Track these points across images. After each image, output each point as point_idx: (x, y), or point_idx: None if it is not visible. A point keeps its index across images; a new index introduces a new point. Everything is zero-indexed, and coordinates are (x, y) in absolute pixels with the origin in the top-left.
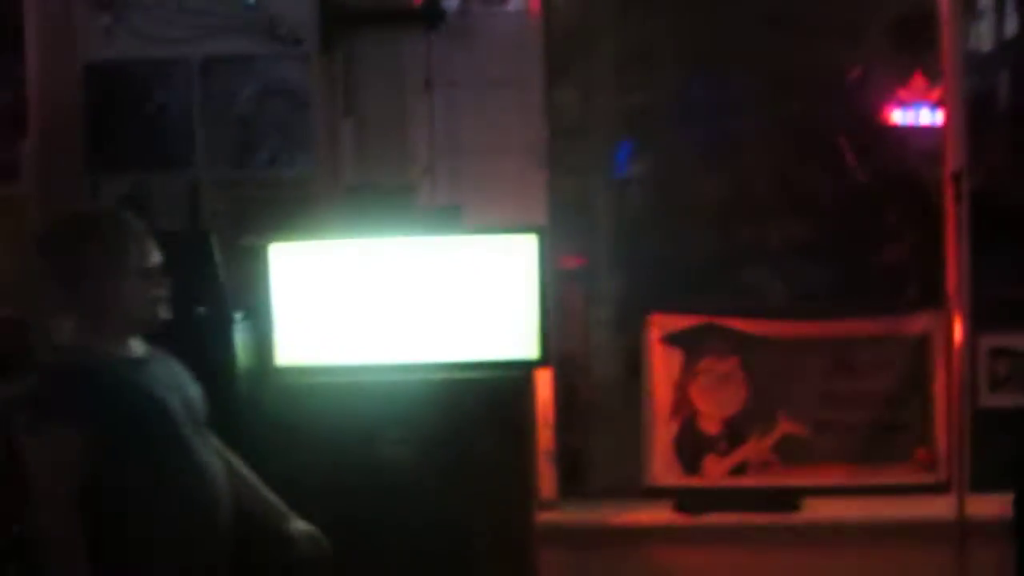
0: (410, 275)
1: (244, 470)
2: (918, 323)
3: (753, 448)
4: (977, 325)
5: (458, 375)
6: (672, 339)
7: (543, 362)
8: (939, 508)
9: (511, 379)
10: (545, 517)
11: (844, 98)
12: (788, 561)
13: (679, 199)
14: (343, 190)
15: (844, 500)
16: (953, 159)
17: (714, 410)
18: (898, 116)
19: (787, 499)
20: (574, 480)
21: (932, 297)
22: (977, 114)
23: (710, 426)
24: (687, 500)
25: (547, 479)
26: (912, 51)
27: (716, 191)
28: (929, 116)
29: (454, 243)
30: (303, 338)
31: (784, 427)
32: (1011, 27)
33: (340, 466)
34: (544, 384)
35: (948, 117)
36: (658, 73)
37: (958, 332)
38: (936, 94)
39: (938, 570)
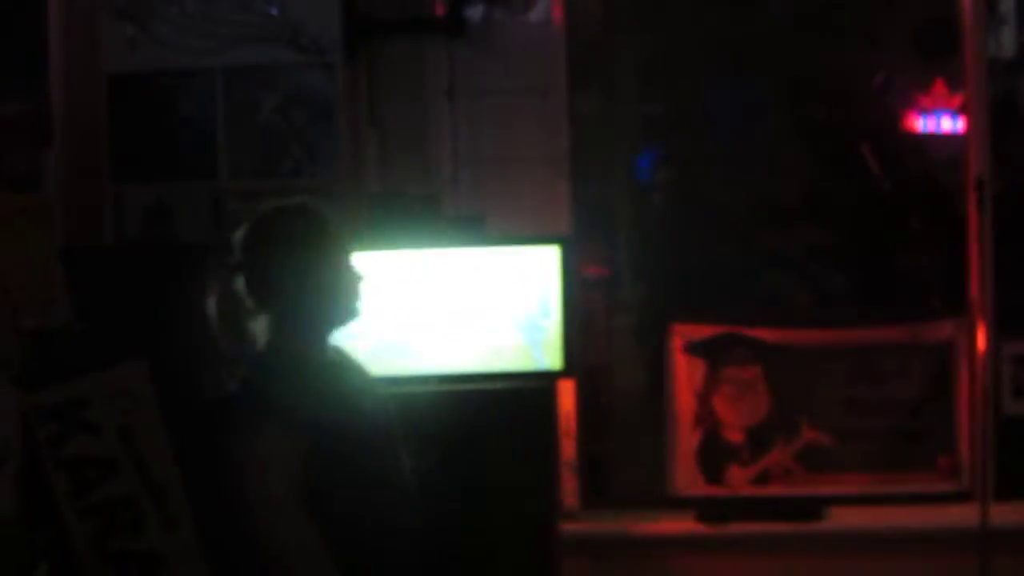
0: (433, 286)
1: None
2: (941, 330)
3: (776, 457)
4: (1001, 332)
5: (481, 386)
6: (694, 348)
7: (566, 372)
8: (962, 516)
9: (534, 390)
10: (568, 527)
11: (867, 104)
12: (811, 570)
13: (702, 207)
14: (366, 200)
15: (867, 509)
16: (975, 166)
17: (737, 419)
18: (920, 123)
19: (810, 508)
20: (597, 490)
21: (955, 304)
22: (999, 120)
23: (733, 435)
24: (710, 509)
25: (569, 489)
26: (934, 58)
27: (739, 198)
28: (951, 123)
29: (477, 254)
30: None
31: (807, 435)
32: None
33: (362, 477)
34: (567, 394)
35: (970, 123)
36: (681, 80)
37: (981, 339)
38: (957, 101)
39: None
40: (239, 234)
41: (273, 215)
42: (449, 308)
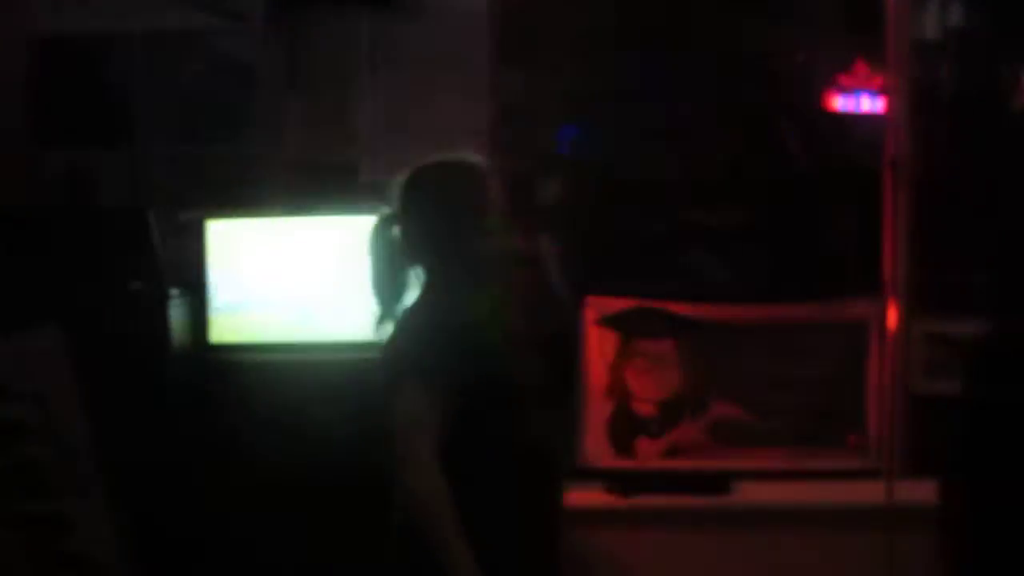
0: (349, 253)
1: None
2: (856, 309)
3: (687, 431)
4: (914, 311)
5: None
6: (608, 321)
7: None
8: (870, 494)
9: None
10: None
11: (788, 83)
12: (719, 543)
13: (623, 181)
14: (285, 167)
15: (777, 484)
16: (893, 146)
17: (648, 392)
18: (840, 103)
19: (719, 482)
20: None
21: (871, 283)
22: (920, 102)
23: (644, 408)
24: (618, 481)
25: None
26: (856, 37)
27: (661, 174)
28: (871, 103)
29: None
30: (240, 315)
31: (718, 410)
32: (956, 15)
33: (274, 443)
34: None
35: (889, 104)
36: (605, 55)
37: (893, 318)
38: (878, 81)
39: (867, 555)
40: (397, 184)
41: (435, 168)
42: (364, 276)
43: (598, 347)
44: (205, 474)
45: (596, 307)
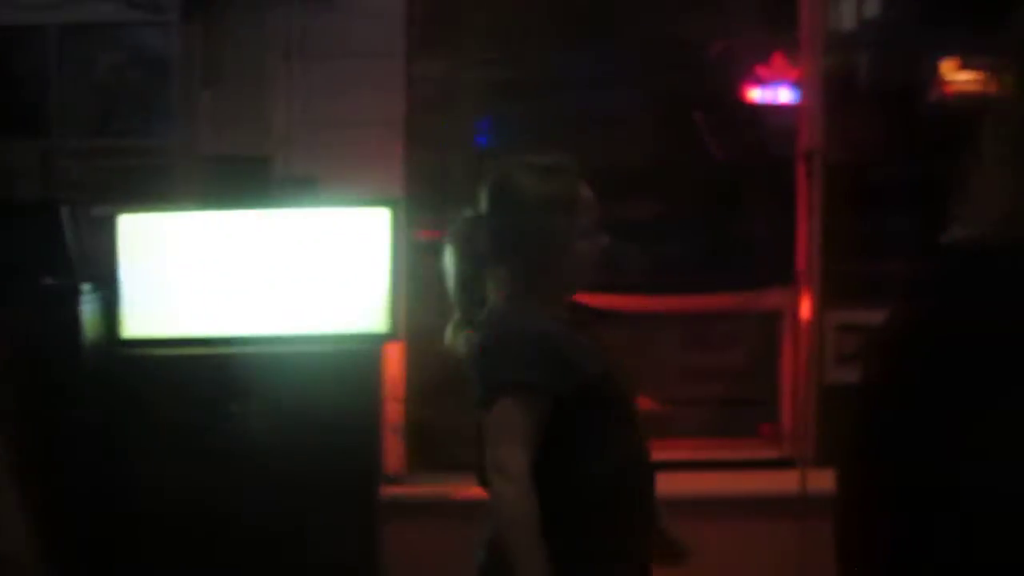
0: (263, 247)
1: None
2: (770, 299)
3: None
4: (827, 301)
5: (307, 348)
6: None
7: (393, 336)
8: (784, 483)
9: (359, 352)
10: (392, 491)
11: (708, 73)
12: None
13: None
14: (199, 160)
15: (694, 474)
16: (807, 137)
17: None
18: (759, 94)
19: None
20: (425, 454)
21: (785, 273)
22: (837, 93)
23: None
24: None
25: (396, 453)
26: (775, 28)
27: (580, 164)
28: (789, 94)
29: (308, 215)
30: (153, 310)
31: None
32: (874, 6)
33: (188, 439)
34: (395, 358)
35: (804, 95)
36: (525, 45)
37: (806, 308)
38: (796, 72)
39: (780, 543)
40: (485, 185)
41: (527, 168)
42: (278, 270)
43: None
44: (118, 471)
45: None
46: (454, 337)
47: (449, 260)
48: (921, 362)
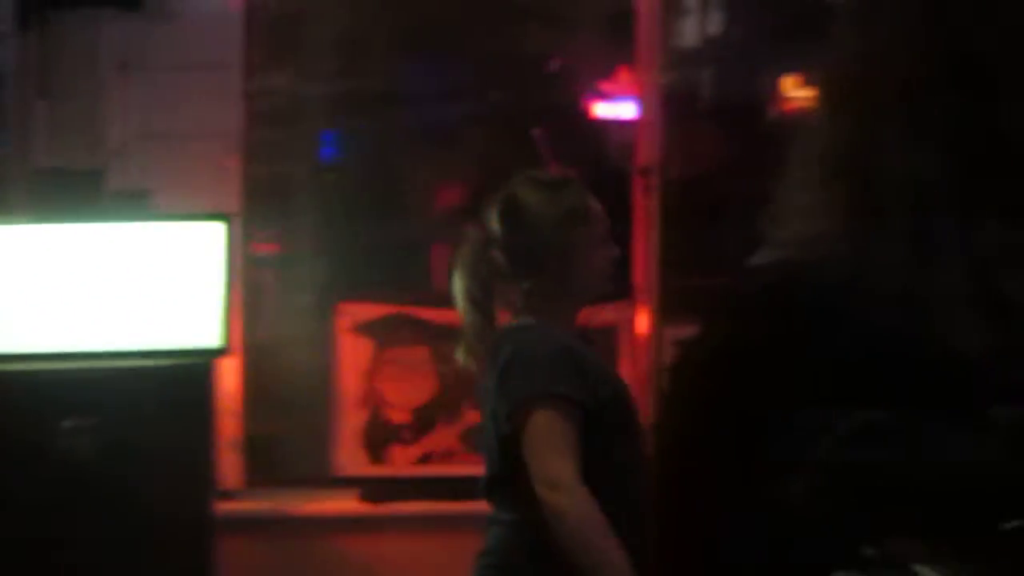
0: (95, 262)
1: None
2: (606, 314)
3: (440, 437)
4: (665, 316)
5: (138, 363)
6: (362, 329)
7: (225, 350)
8: None
9: (191, 367)
10: (227, 507)
11: (547, 88)
12: (471, 548)
13: (383, 187)
14: (30, 173)
15: None
16: (645, 152)
17: (402, 400)
18: (599, 108)
19: (471, 488)
20: (262, 470)
21: (622, 288)
22: (678, 108)
23: (398, 415)
24: (373, 489)
25: (232, 468)
26: (617, 44)
27: (421, 180)
28: (629, 110)
29: (140, 230)
30: None
31: (471, 416)
32: (716, 23)
33: (15, 455)
34: (230, 372)
35: (641, 110)
36: (369, 59)
37: (643, 323)
38: (636, 88)
39: None
40: (496, 203)
41: (536, 184)
42: (110, 285)
43: (352, 355)
44: None
45: (350, 315)
46: (466, 356)
47: (458, 281)
48: (715, 381)
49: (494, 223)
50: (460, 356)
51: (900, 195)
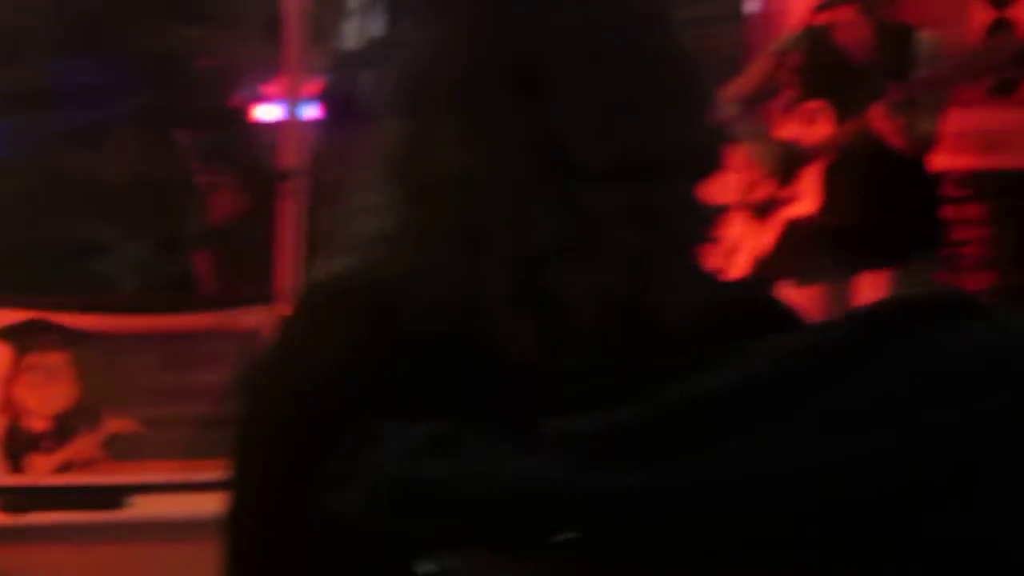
0: None
1: None
2: (249, 318)
3: (81, 445)
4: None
5: None
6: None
7: None
8: None
9: None
10: None
11: (205, 90)
12: (113, 558)
13: (37, 186)
14: None
15: (172, 496)
16: (292, 155)
17: (41, 407)
18: (251, 111)
19: (111, 497)
20: None
21: (266, 292)
22: (331, 111)
23: (37, 423)
24: (11, 499)
25: None
26: (272, 45)
27: (68, 180)
28: (279, 112)
29: None
30: None
31: (112, 424)
32: (379, 26)
33: None
34: None
35: (287, 113)
36: (23, 55)
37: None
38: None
39: None
40: None
41: None
42: None
43: None
44: None
45: None
46: None
47: None
48: (274, 397)
49: None
50: None
51: (451, 194)
